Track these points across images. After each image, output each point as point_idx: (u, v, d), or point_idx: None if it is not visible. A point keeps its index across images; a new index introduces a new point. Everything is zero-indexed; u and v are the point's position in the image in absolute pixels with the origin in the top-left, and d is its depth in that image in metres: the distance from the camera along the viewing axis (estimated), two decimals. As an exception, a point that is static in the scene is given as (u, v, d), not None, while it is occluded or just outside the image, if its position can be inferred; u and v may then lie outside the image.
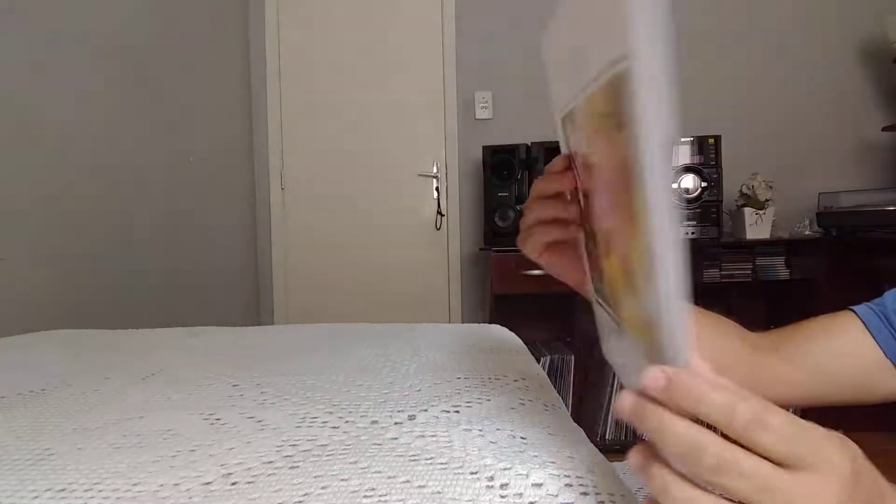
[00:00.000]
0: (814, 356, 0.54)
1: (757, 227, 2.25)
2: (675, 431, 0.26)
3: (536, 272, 1.94)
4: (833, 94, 2.54)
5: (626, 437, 2.13)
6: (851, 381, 0.53)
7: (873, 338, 0.52)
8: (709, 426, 0.26)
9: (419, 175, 2.65)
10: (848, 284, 2.20)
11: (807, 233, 2.36)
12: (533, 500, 0.35)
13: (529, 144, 2.24)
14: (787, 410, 0.27)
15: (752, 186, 2.25)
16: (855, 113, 2.54)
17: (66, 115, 1.66)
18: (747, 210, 2.25)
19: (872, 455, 0.29)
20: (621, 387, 0.32)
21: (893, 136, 2.49)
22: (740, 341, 0.55)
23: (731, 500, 0.26)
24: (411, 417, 0.51)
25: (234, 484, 0.39)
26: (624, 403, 0.28)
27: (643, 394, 0.27)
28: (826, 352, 0.54)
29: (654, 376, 0.27)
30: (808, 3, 2.56)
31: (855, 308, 0.56)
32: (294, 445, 0.45)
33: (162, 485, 0.39)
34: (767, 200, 2.25)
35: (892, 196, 2.14)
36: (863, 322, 0.53)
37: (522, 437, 0.45)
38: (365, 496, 0.37)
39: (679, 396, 0.26)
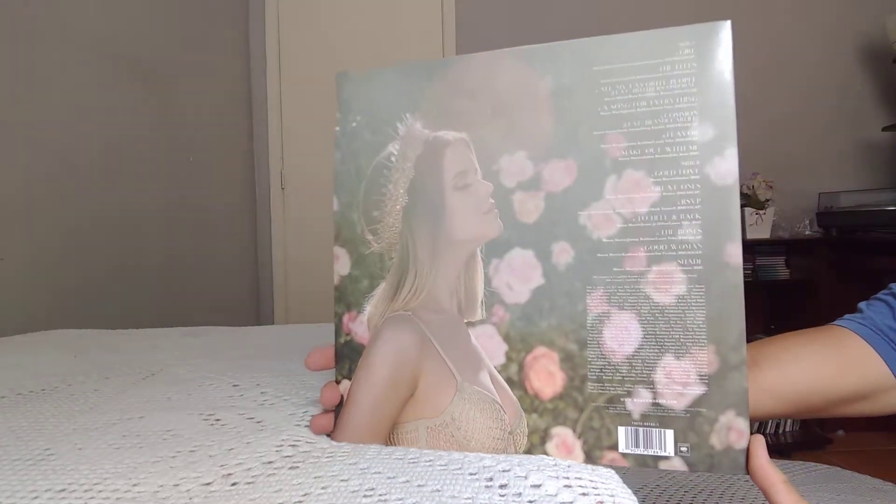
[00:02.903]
0: (813, 371, 0.51)
1: (757, 226, 2.25)
2: None
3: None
4: (833, 94, 2.54)
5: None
6: (851, 395, 0.51)
7: (875, 351, 0.50)
8: None
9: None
10: (848, 284, 2.20)
11: (807, 233, 2.37)
12: (532, 500, 0.35)
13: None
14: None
15: (752, 186, 2.25)
16: (855, 113, 2.54)
17: (66, 115, 1.66)
18: (747, 210, 2.25)
19: (873, 455, 0.29)
20: None
21: (893, 136, 2.49)
22: None
23: None
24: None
25: (234, 484, 0.39)
26: None
27: None
28: (829, 367, 0.51)
29: None
30: (808, 3, 2.56)
31: (842, 323, 0.53)
32: (294, 446, 0.45)
33: (162, 485, 0.39)
34: (767, 200, 2.25)
35: (892, 196, 2.14)
36: (860, 336, 0.51)
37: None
38: (365, 496, 0.37)
39: None
